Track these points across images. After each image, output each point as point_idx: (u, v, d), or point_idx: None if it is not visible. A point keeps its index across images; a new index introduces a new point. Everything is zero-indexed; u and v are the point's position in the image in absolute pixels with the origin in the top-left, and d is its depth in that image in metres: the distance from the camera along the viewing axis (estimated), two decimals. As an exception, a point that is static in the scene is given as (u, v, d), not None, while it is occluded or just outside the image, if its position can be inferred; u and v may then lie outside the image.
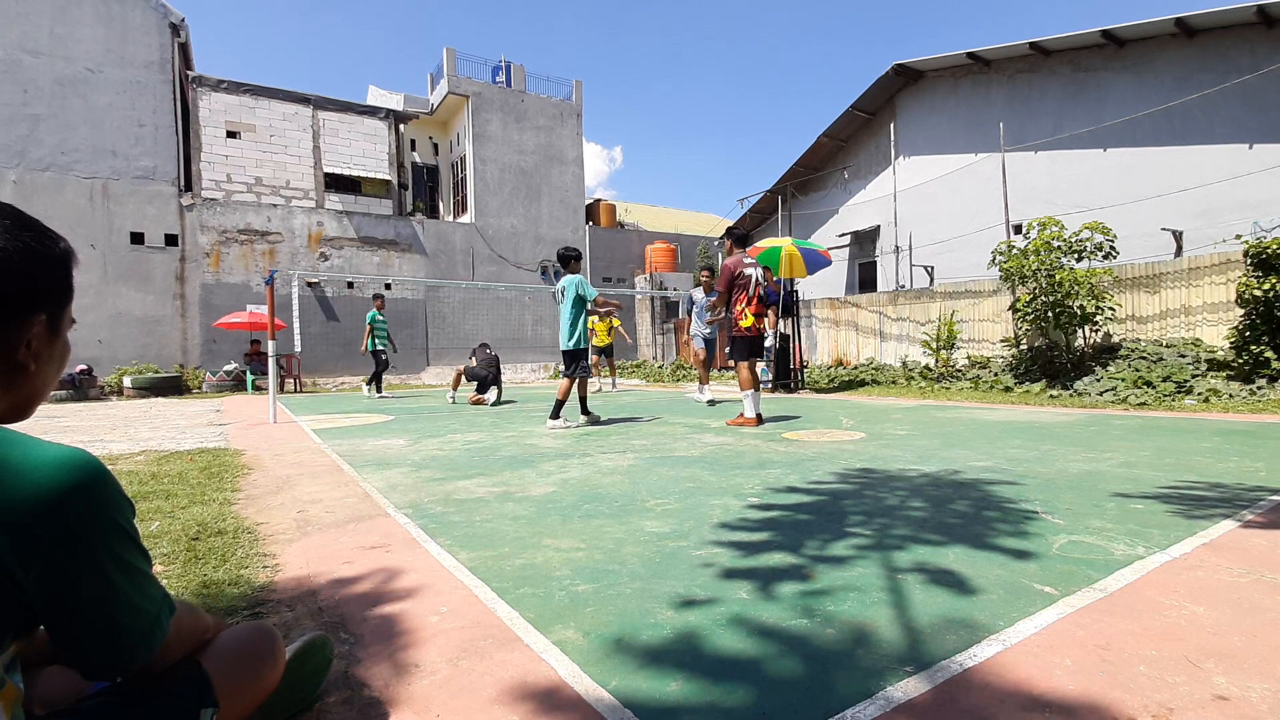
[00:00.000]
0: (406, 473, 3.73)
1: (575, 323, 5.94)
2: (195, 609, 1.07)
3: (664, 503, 2.83)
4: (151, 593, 0.89)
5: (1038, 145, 12.89)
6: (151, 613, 0.88)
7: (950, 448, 4.22)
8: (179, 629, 0.96)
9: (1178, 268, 9.02)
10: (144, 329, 15.01)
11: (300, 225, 16.88)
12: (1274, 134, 10.16)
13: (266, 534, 2.48)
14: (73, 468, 0.78)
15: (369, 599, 1.80)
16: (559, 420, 5.84)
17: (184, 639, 0.99)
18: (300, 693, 1.22)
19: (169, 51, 15.30)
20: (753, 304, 5.82)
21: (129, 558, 0.85)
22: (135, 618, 0.85)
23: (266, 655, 1.10)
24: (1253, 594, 1.67)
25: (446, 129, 22.06)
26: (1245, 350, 7.19)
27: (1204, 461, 3.51)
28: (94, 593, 0.80)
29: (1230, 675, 1.25)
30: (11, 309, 0.80)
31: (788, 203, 14.82)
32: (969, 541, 2.16)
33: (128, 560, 0.84)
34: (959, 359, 10.93)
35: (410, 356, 18.15)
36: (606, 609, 1.66)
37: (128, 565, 0.84)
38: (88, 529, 0.79)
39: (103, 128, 14.63)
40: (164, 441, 5.41)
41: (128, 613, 0.84)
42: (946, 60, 14.24)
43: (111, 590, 0.82)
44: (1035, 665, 1.31)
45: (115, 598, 0.83)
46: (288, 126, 17.06)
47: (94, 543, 0.79)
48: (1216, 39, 10.76)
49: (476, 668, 1.37)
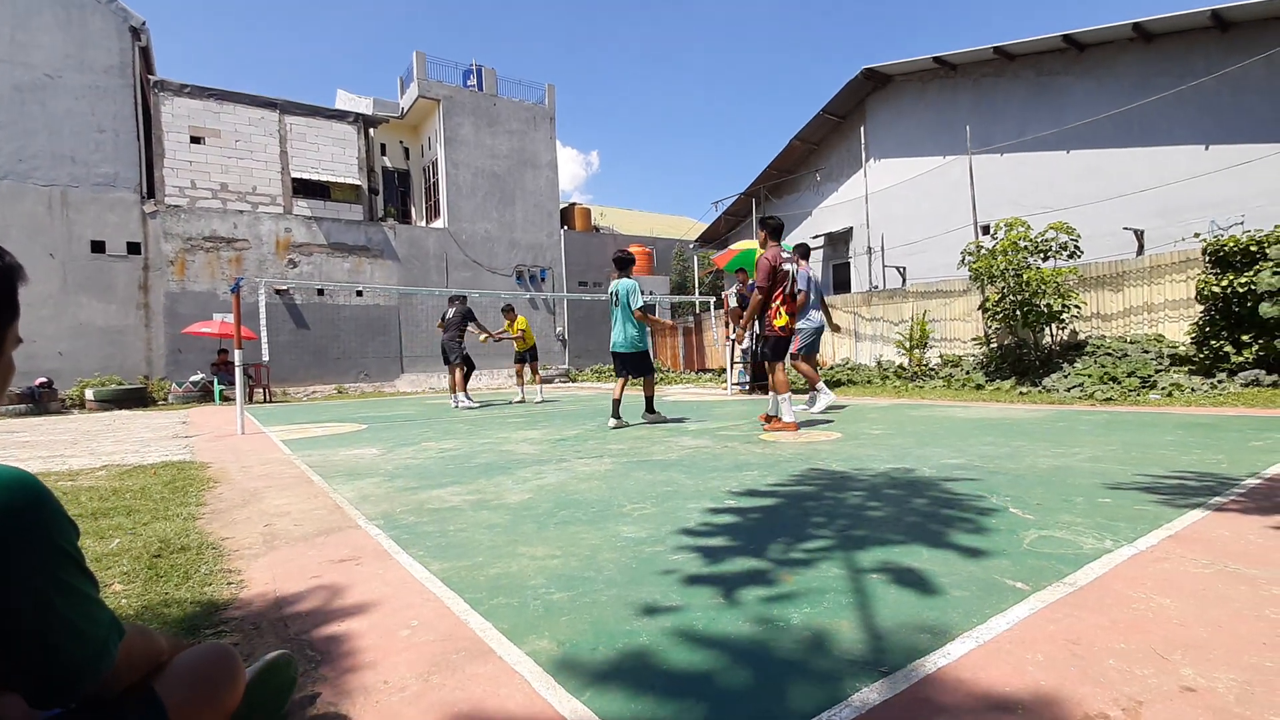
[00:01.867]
0: (379, 483, 3.66)
1: (626, 327, 6.16)
2: (148, 631, 1.02)
3: (641, 507, 2.81)
4: (97, 616, 0.85)
5: (1003, 148, 13.16)
6: (98, 637, 0.84)
7: (924, 446, 4.27)
8: (130, 653, 0.92)
9: (1140, 266, 9.26)
10: (106, 340, 14.58)
11: (268, 232, 16.57)
12: (1229, 135, 10.51)
13: (231, 549, 2.41)
14: (5, 488, 0.74)
15: (337, 614, 1.75)
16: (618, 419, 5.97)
17: (136, 663, 0.95)
18: (263, 714, 1.18)
19: (129, 56, 14.93)
20: (788, 302, 5.41)
21: (72, 581, 0.80)
22: (79, 643, 0.81)
23: (225, 677, 1.06)
24: (1217, 585, 1.70)
25: (417, 133, 21.84)
26: (1205, 345, 7.40)
27: (1168, 455, 3.60)
28: (33, 620, 0.76)
29: (1197, 666, 1.27)
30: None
31: (762, 205, 14.93)
32: (942, 539, 2.18)
33: (70, 584, 0.80)
34: (932, 358, 11.10)
35: (384, 364, 17.91)
36: (582, 618, 1.64)
37: (69, 589, 0.80)
38: (23, 552, 0.75)
39: (62, 134, 14.21)
40: (127, 455, 5.25)
41: (71, 638, 0.80)
42: (914, 65, 14.48)
43: (52, 615, 0.78)
44: (1008, 661, 1.32)
45: (57, 623, 0.78)
46: (254, 131, 16.74)
47: (31, 567, 0.75)
48: (1173, 43, 11.10)
49: (447, 682, 1.34)
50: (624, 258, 6.18)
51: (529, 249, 20.88)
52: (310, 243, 17.12)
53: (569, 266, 21.65)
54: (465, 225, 19.73)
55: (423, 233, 19.34)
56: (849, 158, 16.54)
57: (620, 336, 6.15)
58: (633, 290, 6.07)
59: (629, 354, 6.17)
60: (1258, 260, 7.02)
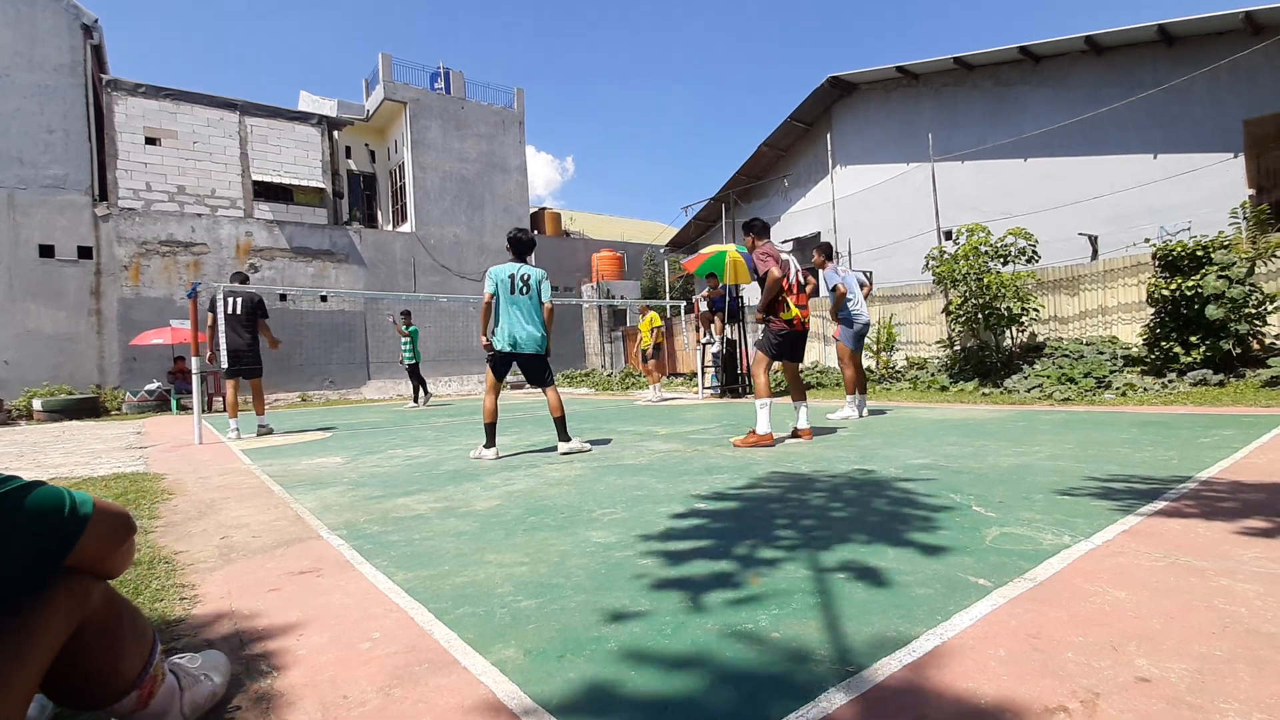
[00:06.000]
0: (342, 492, 3.58)
1: (535, 322, 4.81)
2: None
3: (611, 512, 2.79)
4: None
5: (964, 155, 13.51)
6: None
7: (891, 446, 4.33)
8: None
9: (1094, 270, 9.58)
10: (55, 348, 14.04)
11: (228, 236, 16.15)
12: (1176, 145, 10.95)
13: (185, 563, 2.33)
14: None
15: (295, 628, 1.70)
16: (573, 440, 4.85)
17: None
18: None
19: (81, 54, 14.44)
20: (796, 293, 4.95)
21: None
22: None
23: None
24: (1169, 577, 1.75)
25: (384, 136, 21.54)
26: (1157, 346, 7.67)
27: (1123, 452, 3.71)
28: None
29: (1151, 657, 1.30)
30: None
31: (731, 210, 15.07)
32: (907, 538, 2.21)
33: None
34: (898, 360, 11.30)
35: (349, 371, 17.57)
36: (549, 625, 1.61)
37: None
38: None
39: (8, 134, 13.68)
40: (76, 468, 5.04)
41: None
42: (878, 73, 14.79)
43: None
44: (971, 657, 1.34)
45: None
46: (212, 133, 16.32)
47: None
48: (1123, 56, 11.54)
49: (410, 695, 1.30)
50: (524, 239, 4.87)
51: (499, 253, 20.70)
52: (272, 247, 16.74)
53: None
54: (433, 229, 19.50)
55: (389, 237, 19.06)
56: (816, 164, 16.79)
57: (523, 334, 4.68)
58: (545, 279, 4.90)
59: (534, 356, 4.76)
60: (1204, 265, 7.31)
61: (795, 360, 5.11)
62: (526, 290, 4.76)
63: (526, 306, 4.75)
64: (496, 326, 4.72)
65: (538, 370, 4.88)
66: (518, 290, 4.73)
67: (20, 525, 0.89)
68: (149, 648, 1.15)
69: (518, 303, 4.73)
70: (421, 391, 12.09)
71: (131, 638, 1.10)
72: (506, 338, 4.67)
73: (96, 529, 0.98)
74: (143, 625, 1.16)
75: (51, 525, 0.92)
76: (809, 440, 4.87)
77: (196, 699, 1.24)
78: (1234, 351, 7.13)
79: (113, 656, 1.06)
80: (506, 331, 4.68)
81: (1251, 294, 7.06)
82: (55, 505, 0.92)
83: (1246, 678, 1.21)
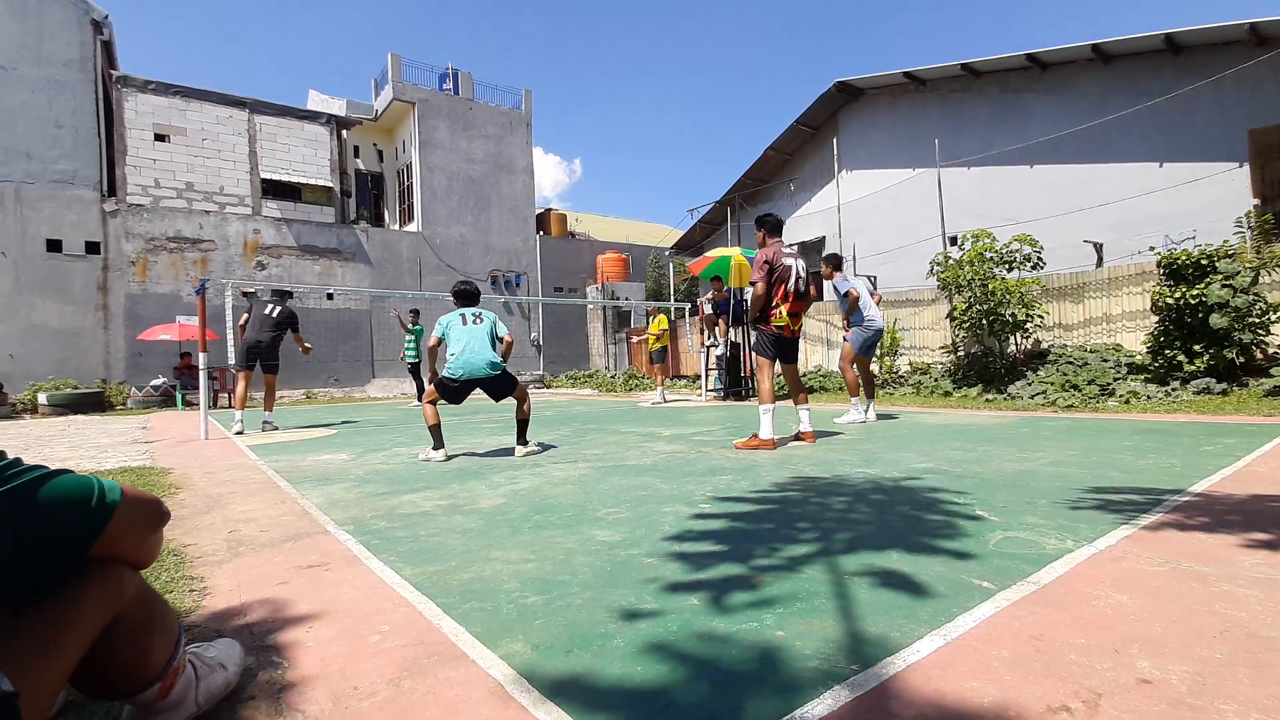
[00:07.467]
0: (349, 488, 3.60)
1: (492, 348, 4.83)
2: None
3: (615, 511, 2.81)
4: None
5: (970, 161, 13.51)
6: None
7: (894, 450, 4.34)
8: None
9: (1099, 278, 9.57)
10: (62, 342, 14.11)
11: (235, 233, 16.22)
12: (1181, 153, 10.94)
13: (194, 556, 2.35)
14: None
15: (304, 620, 1.72)
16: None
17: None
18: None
19: (90, 49, 14.53)
20: (792, 301, 4.88)
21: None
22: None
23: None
24: (1171, 582, 1.76)
25: (391, 136, 21.63)
26: (1160, 354, 7.67)
27: (1126, 459, 3.72)
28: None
29: (1152, 659, 1.32)
30: None
31: (736, 214, 15.09)
32: (912, 541, 2.22)
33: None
34: (901, 365, 11.30)
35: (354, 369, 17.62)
36: (556, 621, 1.63)
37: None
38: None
39: (16, 129, 13.76)
40: (83, 462, 5.07)
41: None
42: (885, 79, 14.80)
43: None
44: (974, 658, 1.35)
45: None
46: (221, 130, 16.40)
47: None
48: (1129, 64, 11.53)
49: (419, 686, 1.32)
50: (470, 290, 5.04)
51: (504, 254, 20.78)
52: (280, 245, 16.81)
53: (544, 272, 21.59)
54: (440, 229, 19.56)
55: (396, 236, 19.12)
56: (822, 168, 16.81)
57: (479, 360, 4.67)
58: (498, 320, 5.00)
59: (496, 377, 4.77)
60: (1208, 273, 7.31)
61: (789, 362, 5.12)
62: (480, 321, 4.84)
63: (480, 335, 4.77)
64: (450, 359, 4.73)
65: (503, 387, 4.84)
66: (470, 322, 4.80)
67: (45, 513, 0.89)
68: (175, 640, 1.16)
69: (471, 332, 4.76)
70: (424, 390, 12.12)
71: (160, 630, 1.12)
72: (462, 366, 4.67)
73: (125, 517, 0.99)
74: (171, 618, 1.18)
75: (79, 513, 0.93)
76: (812, 443, 4.89)
77: (211, 688, 1.26)
78: (1237, 361, 7.12)
79: (143, 648, 1.07)
80: (462, 360, 4.68)
81: (1255, 303, 7.06)
82: (82, 493, 0.93)
83: (1246, 680, 1.22)
